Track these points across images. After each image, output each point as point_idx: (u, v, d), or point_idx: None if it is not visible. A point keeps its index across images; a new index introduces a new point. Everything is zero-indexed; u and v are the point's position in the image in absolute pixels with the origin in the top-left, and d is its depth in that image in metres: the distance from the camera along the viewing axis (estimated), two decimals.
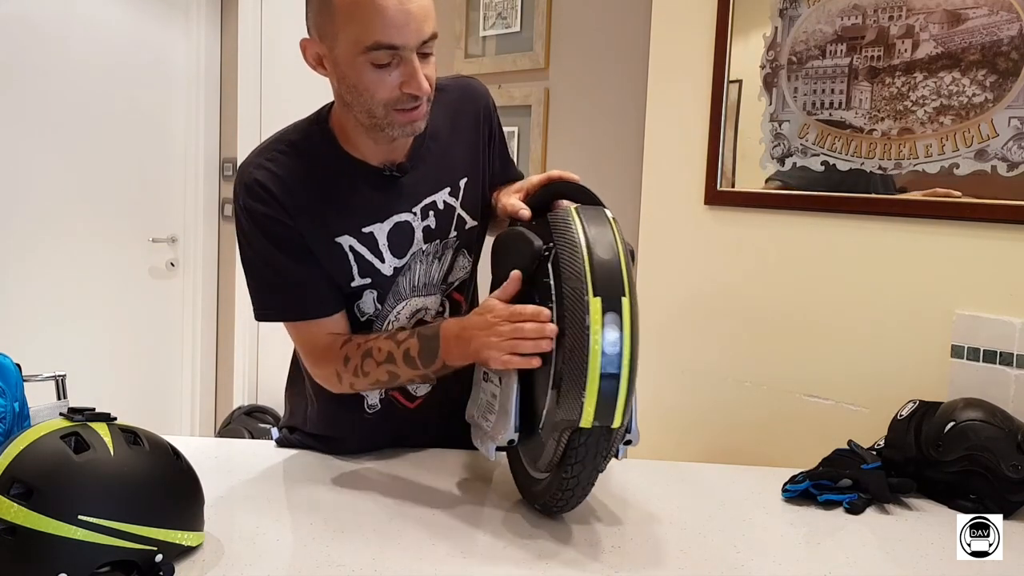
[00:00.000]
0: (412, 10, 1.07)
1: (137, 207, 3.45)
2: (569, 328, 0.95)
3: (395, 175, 1.22)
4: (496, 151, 1.35)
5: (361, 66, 1.10)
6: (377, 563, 0.96)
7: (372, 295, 1.24)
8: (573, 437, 0.99)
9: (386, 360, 1.16)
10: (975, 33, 1.42)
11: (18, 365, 1.19)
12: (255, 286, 1.23)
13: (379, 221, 1.21)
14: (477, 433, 1.13)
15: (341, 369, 1.20)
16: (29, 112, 3.14)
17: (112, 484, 0.87)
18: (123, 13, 3.35)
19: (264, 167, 1.19)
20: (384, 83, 1.10)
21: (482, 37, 2.48)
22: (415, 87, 1.10)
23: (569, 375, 0.94)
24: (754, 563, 1.00)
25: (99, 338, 3.36)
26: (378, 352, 1.17)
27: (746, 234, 1.76)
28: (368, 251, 1.21)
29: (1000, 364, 1.37)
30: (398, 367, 1.16)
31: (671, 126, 1.91)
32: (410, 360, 1.14)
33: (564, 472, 1.01)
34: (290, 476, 1.26)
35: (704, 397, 1.82)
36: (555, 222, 1.02)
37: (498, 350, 1.03)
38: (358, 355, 1.19)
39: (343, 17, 1.08)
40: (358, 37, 1.07)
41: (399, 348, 1.15)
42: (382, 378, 1.18)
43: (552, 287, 1.00)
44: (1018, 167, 1.38)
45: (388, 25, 1.06)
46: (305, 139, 1.22)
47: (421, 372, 1.15)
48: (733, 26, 1.76)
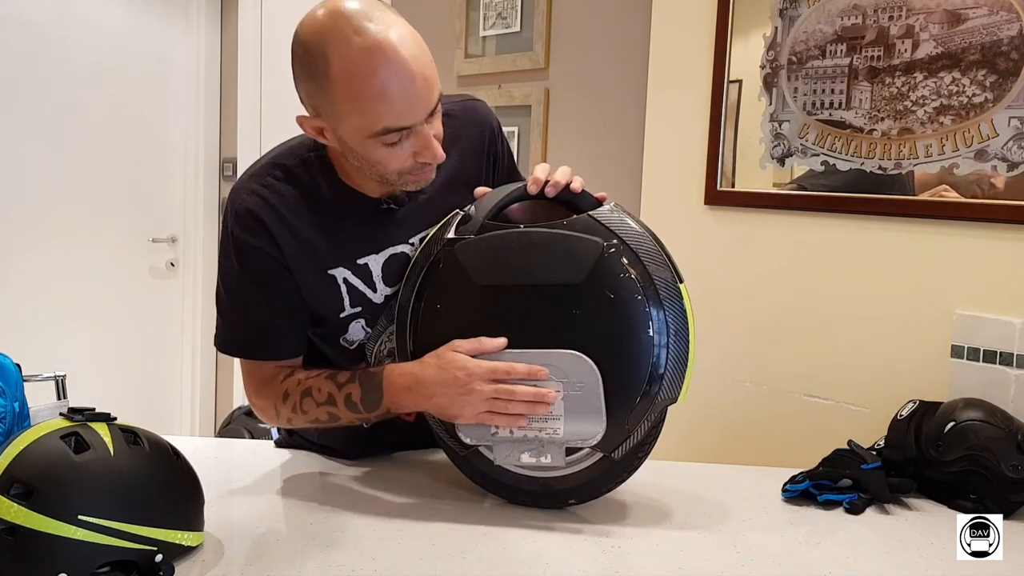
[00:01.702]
0: (418, 89, 1.01)
1: (137, 207, 3.45)
2: (671, 315, 1.05)
3: (392, 207, 1.18)
4: (503, 177, 1.30)
5: (371, 146, 1.05)
6: (377, 563, 0.96)
7: (360, 323, 1.20)
8: (660, 416, 1.08)
9: (326, 402, 1.13)
10: (975, 33, 1.42)
11: (18, 365, 1.19)
12: (223, 313, 1.19)
13: (374, 252, 1.18)
14: (520, 447, 1.08)
15: (279, 404, 1.17)
16: (28, 112, 3.14)
17: (112, 484, 0.87)
18: (123, 13, 3.35)
19: (257, 194, 1.13)
20: (396, 157, 1.06)
21: (482, 37, 2.48)
22: (429, 156, 1.07)
23: (676, 357, 1.04)
24: (754, 563, 1.00)
25: (99, 338, 3.36)
26: (318, 392, 1.14)
27: (746, 234, 1.76)
28: (362, 282, 1.18)
29: (1000, 364, 1.37)
30: (339, 409, 1.13)
31: (671, 126, 1.91)
32: (352, 405, 1.12)
33: (640, 452, 1.09)
34: (290, 476, 1.26)
35: (704, 397, 1.81)
36: (608, 219, 1.08)
37: (474, 409, 1.04)
38: (297, 392, 1.15)
39: (345, 105, 1.02)
40: (364, 124, 1.02)
41: (340, 391, 1.12)
42: (322, 418, 1.15)
43: (635, 279, 1.05)
44: (1018, 167, 1.38)
45: (395, 110, 1.01)
46: (301, 165, 1.16)
47: (363, 416, 1.13)
48: (733, 26, 1.77)
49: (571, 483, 1.10)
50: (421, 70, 1.01)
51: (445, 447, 1.17)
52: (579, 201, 1.12)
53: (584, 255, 1.06)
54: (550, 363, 1.04)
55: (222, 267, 1.18)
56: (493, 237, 1.10)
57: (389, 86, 0.99)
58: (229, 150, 3.55)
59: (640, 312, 1.04)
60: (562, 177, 1.12)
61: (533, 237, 1.08)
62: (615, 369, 1.04)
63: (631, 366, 1.05)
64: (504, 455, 1.09)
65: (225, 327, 1.20)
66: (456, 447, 1.14)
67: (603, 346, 1.04)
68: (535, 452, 1.07)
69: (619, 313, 1.04)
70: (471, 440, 1.09)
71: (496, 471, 1.12)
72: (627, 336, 1.04)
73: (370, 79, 0.99)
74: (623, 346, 1.04)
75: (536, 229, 1.08)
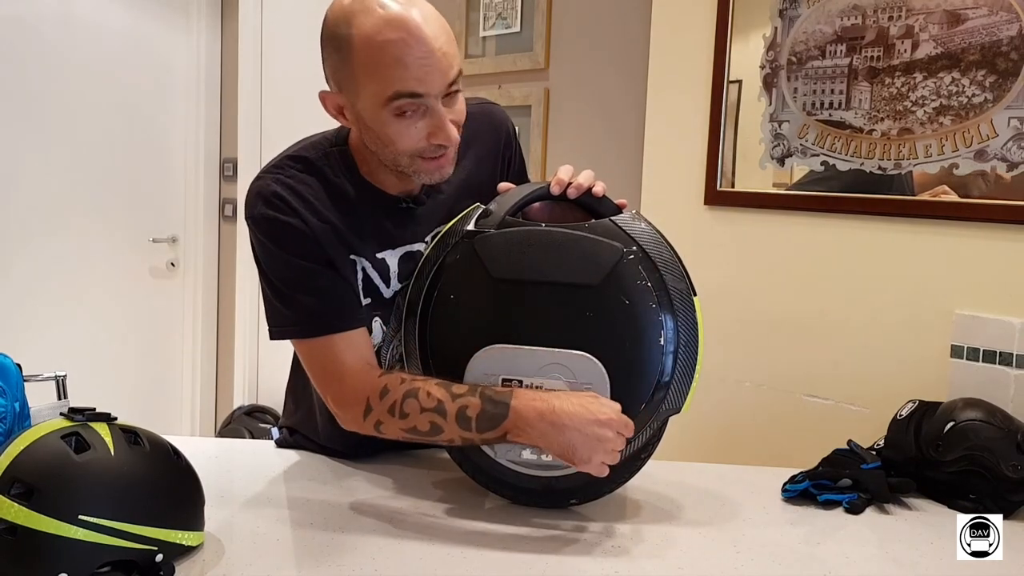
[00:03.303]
0: (435, 57, 1.02)
1: (137, 207, 3.45)
2: (682, 326, 1.07)
3: (411, 206, 1.19)
4: (514, 180, 1.28)
5: (385, 117, 1.05)
6: (377, 563, 0.96)
7: (378, 322, 1.19)
8: (663, 424, 1.11)
9: (435, 409, 1.04)
10: (975, 33, 1.42)
11: (18, 365, 1.19)
12: (280, 299, 1.13)
13: (391, 248, 1.18)
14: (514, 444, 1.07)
15: (375, 401, 1.07)
16: (28, 113, 3.14)
17: (112, 484, 0.87)
18: (124, 14, 3.35)
19: (282, 181, 1.13)
20: (409, 134, 1.06)
21: (482, 37, 2.48)
22: (443, 137, 1.06)
23: (683, 368, 1.07)
24: (754, 563, 1.00)
25: (99, 338, 3.36)
26: (426, 397, 1.04)
27: (746, 234, 1.76)
28: (378, 275, 1.18)
29: (1000, 364, 1.37)
30: (446, 421, 1.03)
31: (671, 126, 1.91)
32: (464, 420, 1.03)
33: (642, 454, 1.12)
34: (290, 476, 1.26)
35: (704, 397, 1.81)
36: (629, 226, 1.10)
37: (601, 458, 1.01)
38: (400, 391, 1.06)
39: (364, 71, 1.04)
40: (380, 89, 1.03)
41: (454, 401, 1.03)
42: (421, 427, 1.05)
43: (651, 287, 1.06)
44: (1018, 167, 1.38)
45: (410, 75, 1.02)
46: (323, 158, 1.16)
47: (470, 435, 1.03)
48: (733, 26, 1.77)
49: (573, 483, 1.10)
50: (440, 43, 1.03)
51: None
52: (599, 205, 1.14)
53: (603, 259, 1.07)
54: (559, 362, 1.05)
55: (261, 260, 1.14)
56: (515, 232, 1.10)
57: (406, 52, 1.01)
58: (229, 150, 3.55)
59: (653, 321, 1.06)
60: (585, 180, 1.14)
61: (555, 236, 1.09)
62: (623, 374, 1.05)
63: (639, 373, 1.06)
64: (506, 450, 1.08)
65: (286, 313, 1.13)
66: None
67: (613, 350, 1.05)
68: (536, 449, 1.06)
69: (632, 319, 1.05)
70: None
71: (498, 469, 1.12)
72: (638, 343, 1.06)
73: (388, 45, 1.01)
74: (633, 352, 1.06)
75: (558, 229, 1.10)
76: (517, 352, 1.06)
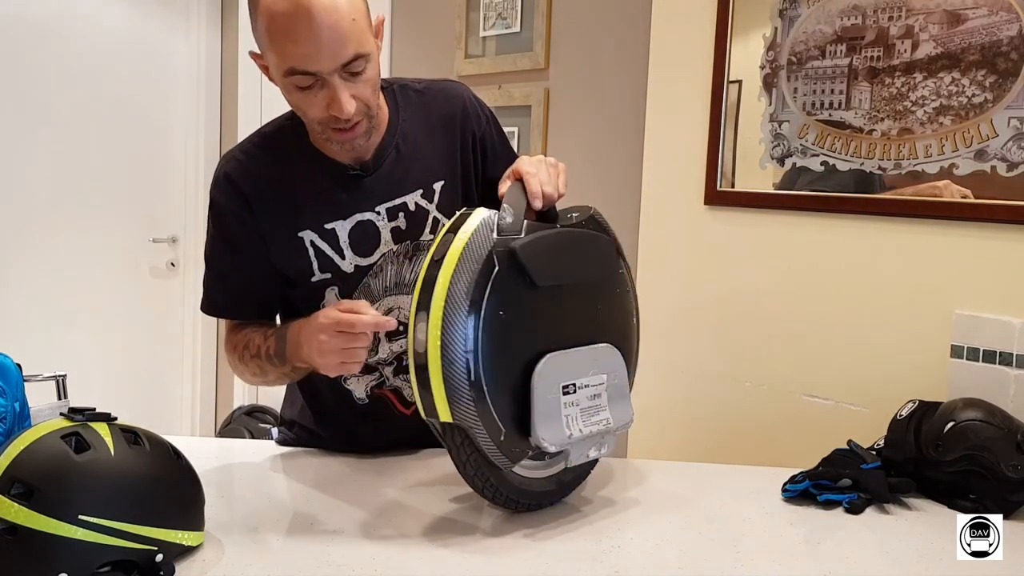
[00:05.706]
0: (323, 36, 1.04)
1: (137, 207, 3.45)
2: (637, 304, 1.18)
3: (360, 174, 1.22)
4: (489, 153, 1.30)
5: (288, 87, 1.11)
6: (377, 563, 0.96)
7: (334, 292, 1.24)
8: None
9: (256, 354, 1.21)
10: (975, 33, 1.42)
11: (18, 365, 1.19)
12: (205, 275, 1.29)
13: (341, 218, 1.22)
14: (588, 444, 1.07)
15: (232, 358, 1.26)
16: (29, 112, 3.14)
17: (113, 484, 0.87)
18: (123, 13, 3.35)
19: (236, 159, 1.23)
20: (311, 104, 1.11)
21: (482, 37, 2.48)
22: (336, 110, 1.09)
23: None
24: (754, 563, 1.00)
25: (99, 338, 3.36)
26: (252, 345, 1.22)
27: (746, 234, 1.76)
28: (329, 247, 1.22)
29: (1000, 364, 1.37)
30: (263, 362, 1.21)
31: (671, 126, 1.91)
32: (270, 358, 1.19)
33: None
34: (290, 476, 1.26)
35: (704, 397, 1.82)
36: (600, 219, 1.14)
37: (331, 359, 1.08)
38: (242, 344, 1.24)
39: (265, 40, 1.09)
40: (279, 61, 1.08)
41: (264, 343, 1.20)
42: (255, 371, 1.23)
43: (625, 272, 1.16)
44: (1018, 167, 1.38)
45: (300, 52, 1.05)
46: (278, 132, 1.25)
47: (278, 369, 1.20)
48: (733, 26, 1.77)
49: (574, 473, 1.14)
50: (332, 22, 1.05)
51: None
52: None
53: (603, 253, 1.13)
54: (596, 358, 1.08)
55: (207, 233, 1.27)
56: (544, 237, 1.05)
57: (298, 29, 1.04)
58: None
59: (633, 304, 1.18)
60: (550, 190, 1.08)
61: (576, 236, 1.11)
62: (626, 355, 1.13)
63: (631, 351, 1.17)
64: (579, 454, 1.08)
65: (205, 287, 1.29)
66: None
67: (619, 336, 1.13)
68: (598, 445, 1.09)
69: (624, 306, 1.16)
70: (554, 447, 1.03)
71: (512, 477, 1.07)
72: (628, 325, 1.17)
73: (280, 18, 1.05)
74: (628, 335, 1.16)
75: (573, 229, 1.11)
76: (565, 356, 1.05)
